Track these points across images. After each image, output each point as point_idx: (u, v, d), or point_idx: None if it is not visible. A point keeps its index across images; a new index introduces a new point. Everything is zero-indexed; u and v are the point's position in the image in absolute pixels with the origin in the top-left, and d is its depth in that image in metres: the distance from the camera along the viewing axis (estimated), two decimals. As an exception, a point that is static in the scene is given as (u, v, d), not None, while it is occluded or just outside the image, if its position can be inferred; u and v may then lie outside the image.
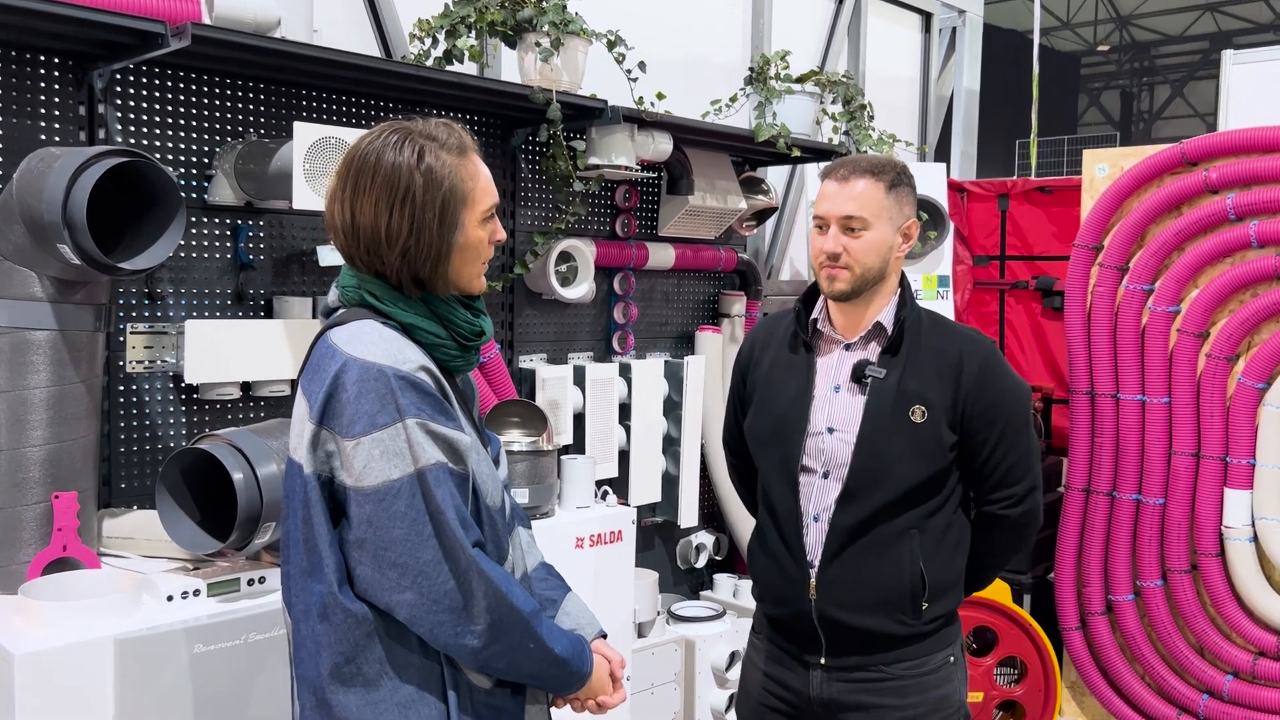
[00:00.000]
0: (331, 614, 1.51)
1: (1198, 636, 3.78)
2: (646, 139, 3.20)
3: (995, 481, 2.12)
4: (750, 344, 2.32)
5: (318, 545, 1.52)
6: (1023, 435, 2.11)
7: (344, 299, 1.63)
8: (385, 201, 1.55)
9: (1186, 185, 3.78)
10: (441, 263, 1.59)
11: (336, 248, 1.64)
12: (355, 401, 1.49)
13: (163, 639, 2.00)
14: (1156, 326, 3.84)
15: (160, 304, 2.61)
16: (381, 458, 1.49)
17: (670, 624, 3.41)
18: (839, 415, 2.10)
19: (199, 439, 2.17)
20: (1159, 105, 22.76)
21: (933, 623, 2.11)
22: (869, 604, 2.07)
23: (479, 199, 1.62)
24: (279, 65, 2.58)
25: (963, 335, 2.13)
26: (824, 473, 2.10)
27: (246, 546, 2.13)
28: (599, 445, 3.43)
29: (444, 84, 2.79)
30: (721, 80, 4.06)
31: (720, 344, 3.90)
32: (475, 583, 1.51)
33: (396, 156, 1.56)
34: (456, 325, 1.63)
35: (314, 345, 1.61)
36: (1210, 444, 3.73)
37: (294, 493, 1.56)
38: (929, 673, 2.11)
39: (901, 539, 2.07)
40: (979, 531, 2.18)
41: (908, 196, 2.13)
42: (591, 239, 3.46)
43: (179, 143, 2.62)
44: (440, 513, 1.50)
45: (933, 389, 2.06)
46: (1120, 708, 3.97)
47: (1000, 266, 4.95)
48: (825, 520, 2.09)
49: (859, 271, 2.07)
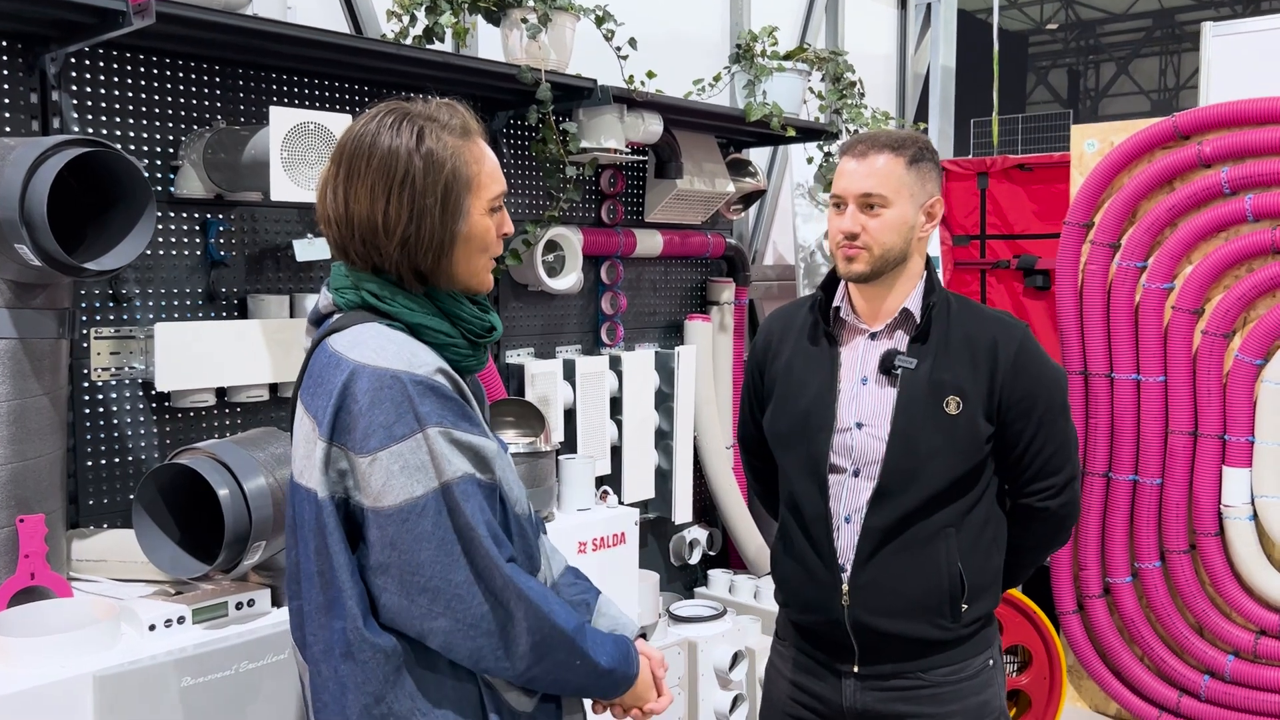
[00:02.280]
0: (357, 652, 1.37)
1: (1197, 617, 3.74)
2: (636, 120, 3.05)
3: (1034, 472, 2.00)
4: (766, 335, 2.18)
5: (336, 578, 1.37)
6: (1061, 422, 2.01)
7: (339, 302, 1.48)
8: (382, 187, 1.41)
9: (1179, 160, 3.72)
10: (445, 254, 1.46)
11: (329, 241, 1.49)
12: (368, 413, 1.35)
13: (147, 673, 1.83)
14: (1150, 304, 3.77)
15: (126, 306, 2.42)
16: (402, 473, 1.35)
17: (671, 625, 3.29)
18: (868, 409, 1.98)
19: (178, 453, 2.00)
20: (1105, 83, 23.00)
21: (971, 625, 2.00)
22: (905, 608, 1.96)
23: (485, 185, 1.48)
24: (251, 46, 2.39)
25: (995, 320, 2.02)
26: (854, 471, 1.98)
27: (234, 568, 1.97)
28: (591, 442, 3.29)
29: (425, 64, 2.62)
30: (701, 59, 3.92)
31: (710, 333, 3.78)
32: (514, 604, 1.39)
33: (394, 139, 1.43)
34: (465, 321, 1.50)
35: (310, 356, 1.47)
36: (1208, 422, 3.68)
37: (304, 521, 1.41)
38: (968, 678, 2.00)
39: (938, 538, 1.95)
40: (1016, 526, 2.07)
41: (931, 173, 2.01)
42: (578, 226, 3.31)
43: (141, 131, 2.43)
44: (471, 529, 1.37)
45: (967, 378, 1.95)
46: (1120, 691, 3.93)
47: (981, 246, 4.87)
48: (857, 521, 1.97)
49: (878, 252, 1.95)
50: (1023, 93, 21.22)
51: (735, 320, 3.92)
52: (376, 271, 1.46)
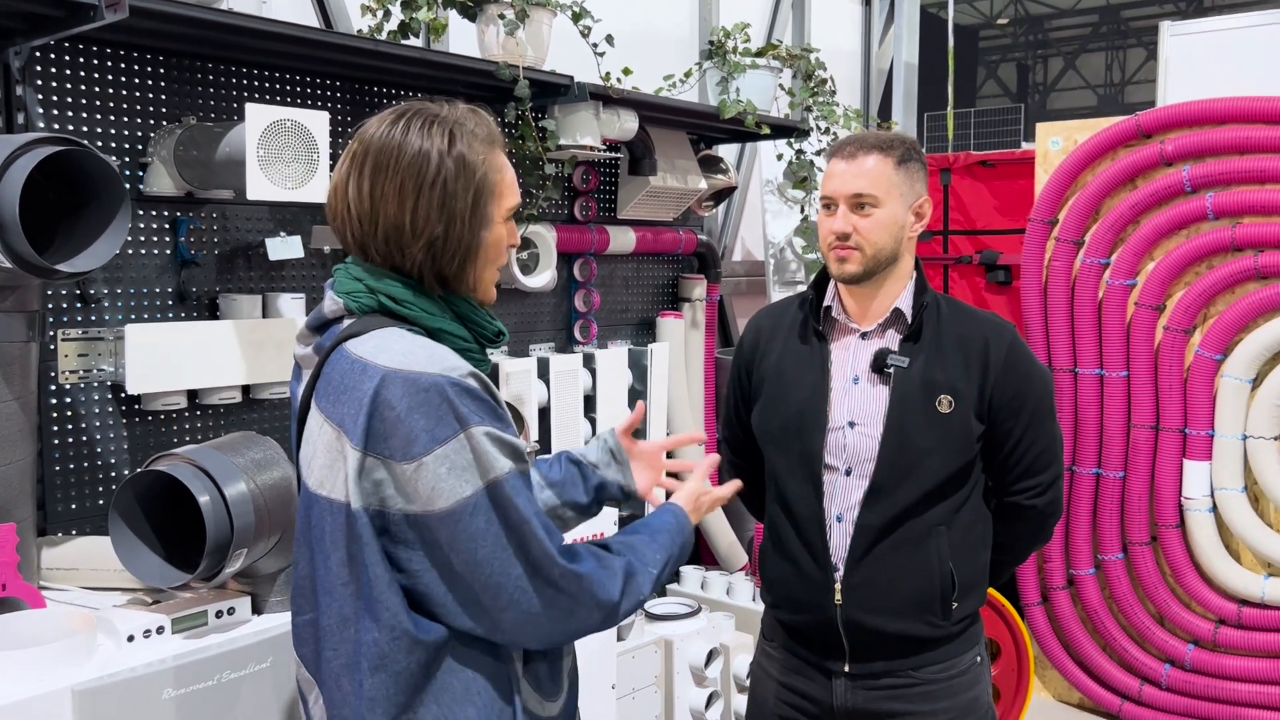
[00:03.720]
0: (390, 662, 1.35)
1: (1159, 607, 3.81)
2: (612, 117, 3.03)
3: (1021, 471, 2.02)
4: (754, 334, 2.18)
5: (372, 588, 1.34)
6: (1048, 422, 2.04)
7: (351, 306, 1.44)
8: (412, 187, 1.39)
9: (1142, 158, 3.77)
10: (469, 260, 1.44)
11: (344, 239, 1.46)
12: (408, 418, 1.32)
13: (127, 686, 1.78)
14: (1113, 300, 3.83)
15: (94, 307, 2.35)
16: (450, 475, 1.33)
17: (647, 624, 3.28)
18: (860, 408, 1.99)
19: (156, 459, 1.94)
20: (1053, 77, 23.31)
21: (961, 622, 2.02)
22: (898, 607, 1.96)
23: (505, 194, 1.47)
24: (223, 41, 2.34)
25: (985, 320, 2.04)
26: (846, 470, 1.99)
27: (215, 576, 1.92)
28: (565, 440, 3.27)
29: (402, 60, 2.57)
30: (670, 55, 3.91)
31: (682, 330, 3.77)
32: (575, 591, 1.39)
33: (425, 141, 1.40)
34: (479, 326, 1.48)
35: (324, 363, 1.42)
36: (1169, 416, 3.75)
37: (324, 534, 1.38)
38: (958, 675, 2.02)
39: (930, 536, 1.97)
40: (1001, 523, 2.09)
41: (918, 173, 2.03)
42: (551, 223, 3.28)
43: (109, 128, 2.37)
44: (525, 523, 1.36)
45: (959, 377, 1.96)
46: (1083, 680, 3.99)
47: (943, 241, 4.91)
48: (850, 520, 1.98)
49: (870, 252, 1.96)
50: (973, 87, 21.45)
51: (707, 317, 3.91)
52: (396, 270, 1.44)
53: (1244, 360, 3.59)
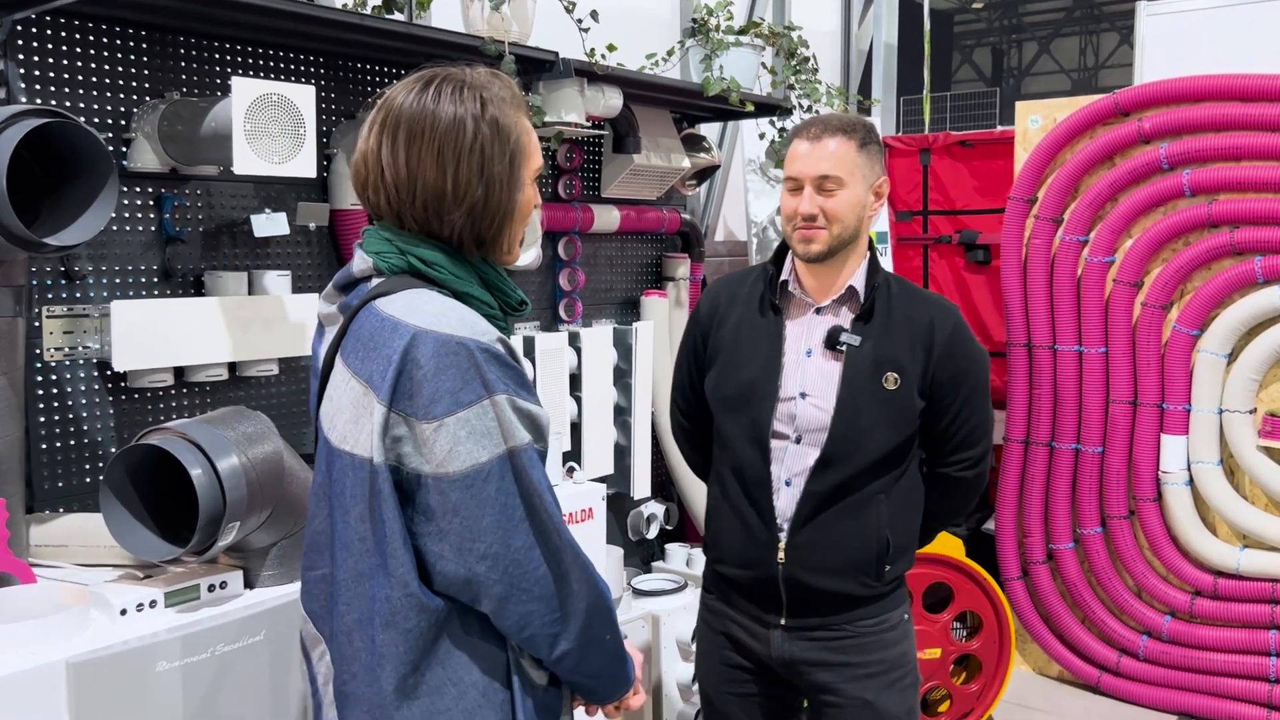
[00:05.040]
0: (401, 618, 1.36)
1: (1136, 579, 3.87)
2: (596, 94, 3.03)
3: (955, 445, 2.15)
4: (712, 302, 2.25)
5: (388, 544, 1.36)
6: (983, 400, 2.17)
7: (381, 266, 1.44)
8: (451, 152, 1.40)
9: (1119, 136, 3.81)
10: (507, 221, 1.46)
11: (376, 208, 1.46)
12: (434, 379, 1.34)
13: (120, 659, 1.79)
14: (1092, 277, 3.87)
15: (79, 284, 2.33)
16: (469, 439, 1.34)
17: (634, 600, 3.30)
18: (812, 380, 2.09)
19: (147, 432, 1.94)
20: (1027, 61, 23.40)
21: (891, 583, 2.14)
22: (837, 567, 2.08)
23: (533, 156, 1.49)
24: (206, 14, 2.32)
25: (932, 302, 2.16)
26: (796, 438, 2.09)
27: (208, 550, 1.92)
28: (551, 419, 3.27)
29: (388, 34, 2.56)
30: (651, 33, 3.91)
31: (666, 308, 3.78)
32: (571, 565, 1.41)
33: (458, 106, 1.41)
34: (506, 294, 1.50)
35: (352, 319, 1.43)
36: (1147, 391, 3.80)
37: (345, 489, 1.39)
38: (888, 629, 2.14)
39: (871, 503, 2.08)
40: (934, 492, 2.22)
41: (877, 154, 2.12)
42: (535, 202, 3.28)
43: (92, 103, 2.34)
44: (536, 494, 1.38)
45: (905, 356, 2.07)
46: (1062, 653, 4.05)
47: (923, 221, 4.93)
48: (799, 485, 2.08)
49: (837, 231, 2.06)
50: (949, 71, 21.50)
51: (690, 296, 3.92)
52: (430, 236, 1.44)
53: (1220, 335, 3.64)
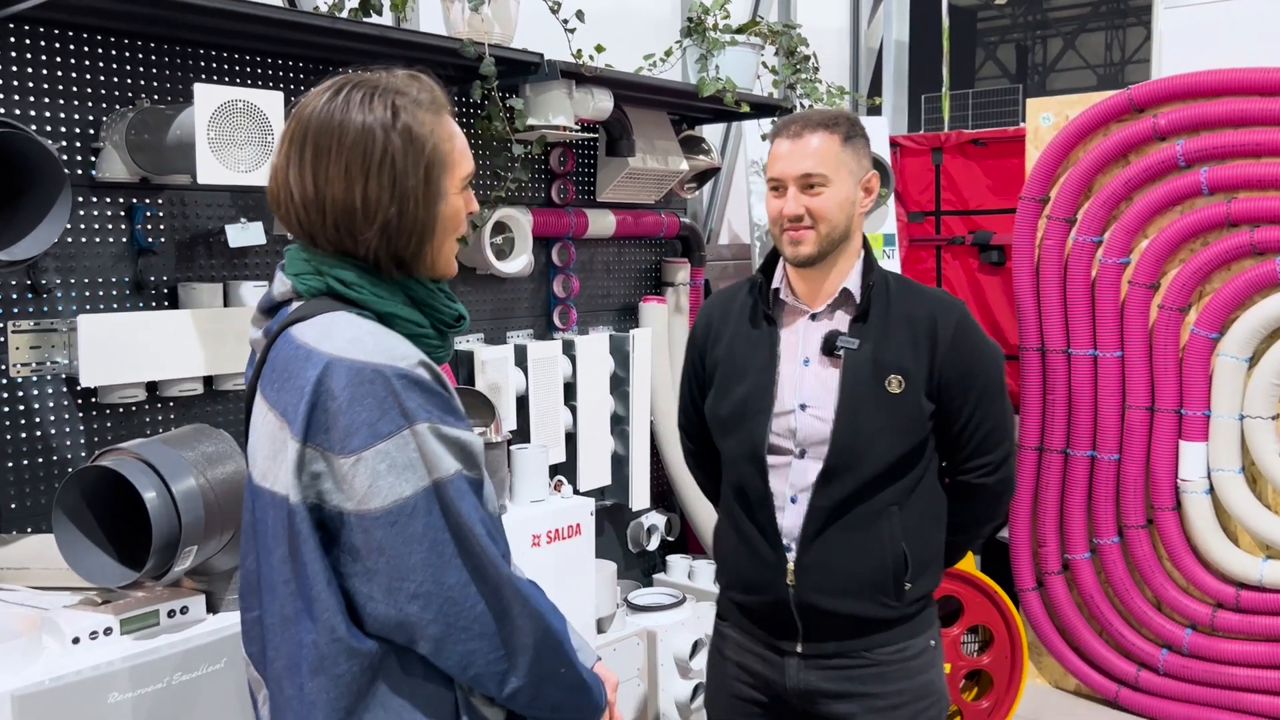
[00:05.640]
0: (329, 666, 1.27)
1: (1155, 591, 3.74)
2: (585, 96, 2.94)
3: (971, 449, 2.01)
4: (707, 319, 2.15)
5: (311, 587, 1.26)
6: (998, 400, 2.02)
7: (300, 289, 1.36)
8: (359, 168, 1.30)
9: (1134, 132, 3.69)
10: (427, 238, 1.35)
11: (289, 226, 1.37)
12: (349, 410, 1.24)
13: (70, 690, 1.72)
14: (1107, 279, 3.75)
15: (46, 297, 2.28)
16: (389, 472, 1.25)
17: (630, 615, 3.21)
18: (810, 390, 1.97)
19: (101, 454, 1.87)
20: (1052, 58, 23.14)
21: (915, 604, 2.00)
22: (850, 587, 1.95)
23: (458, 162, 1.39)
24: (175, 20, 2.25)
25: (933, 298, 2.02)
26: (800, 452, 1.97)
27: (164, 575, 1.85)
28: (544, 429, 3.20)
29: (363, 38, 2.49)
30: (650, 34, 3.82)
31: (665, 315, 3.69)
32: (512, 602, 1.31)
33: (366, 115, 1.31)
34: (437, 311, 1.40)
35: (270, 348, 1.34)
36: (1164, 397, 3.68)
37: (267, 528, 1.31)
38: (911, 658, 2.00)
39: (883, 516, 1.95)
40: (955, 503, 2.08)
41: (864, 149, 2.01)
42: (527, 207, 3.20)
43: (58, 112, 2.28)
44: (466, 528, 1.28)
45: (908, 357, 1.94)
46: (1079, 666, 3.93)
47: (935, 222, 4.83)
48: (804, 502, 1.96)
49: (825, 231, 1.94)
50: (972, 68, 21.29)
51: (691, 301, 3.83)
52: (347, 255, 1.35)
53: (1240, 338, 3.51)
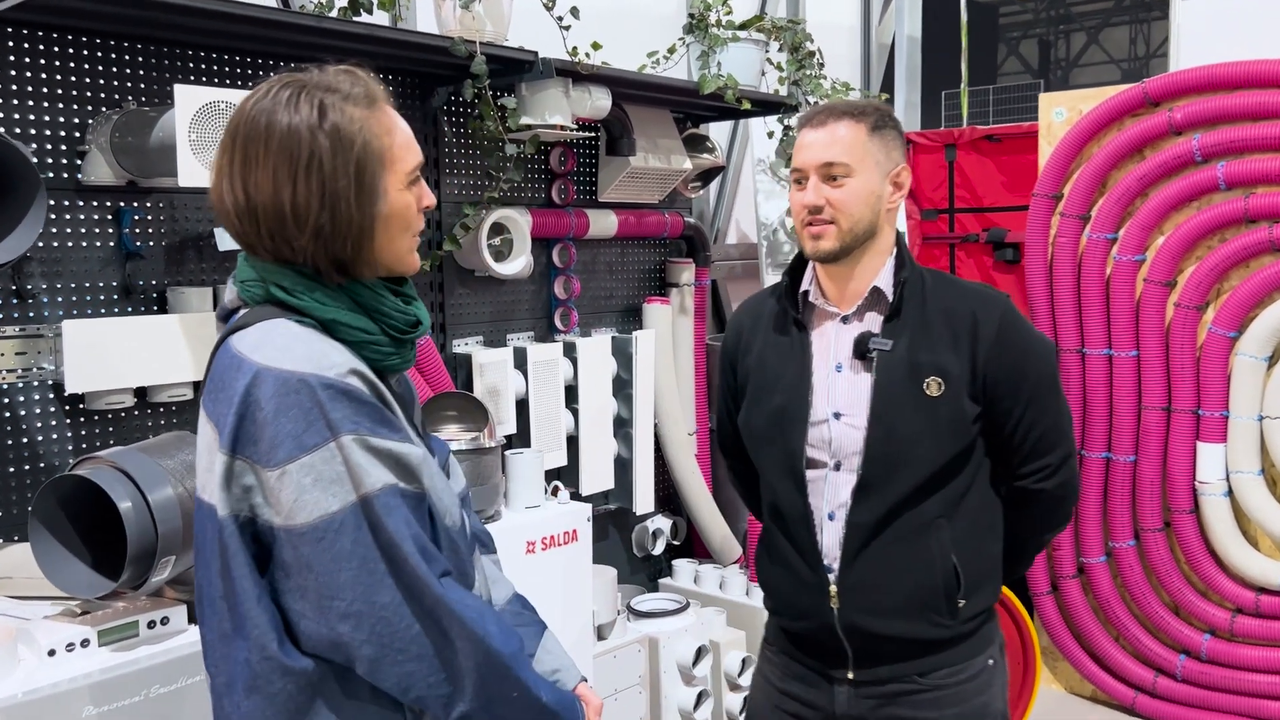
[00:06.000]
0: (263, 684, 1.23)
1: (1173, 596, 3.66)
2: (582, 95, 2.90)
3: (1026, 453, 1.86)
4: (736, 329, 2.03)
5: (241, 603, 1.23)
6: (1052, 398, 1.86)
7: (245, 297, 1.33)
8: (286, 172, 1.26)
9: (1149, 127, 3.60)
10: (365, 240, 1.31)
11: (231, 234, 1.34)
12: (274, 421, 1.21)
13: (44, 704, 1.68)
14: (1122, 277, 3.67)
15: (31, 303, 2.25)
16: (314, 486, 1.21)
17: (631, 621, 3.16)
18: (844, 398, 1.84)
19: (78, 462, 1.84)
20: (1076, 52, 22.89)
21: (971, 621, 1.86)
22: (899, 607, 1.82)
23: (399, 157, 1.33)
24: (162, 21, 2.22)
25: (973, 292, 1.87)
26: (835, 464, 1.84)
27: (142, 586, 1.82)
28: (545, 432, 3.15)
29: (351, 37, 2.45)
30: (655, 32, 3.76)
31: (670, 316, 3.64)
32: (448, 623, 1.25)
33: (293, 116, 1.27)
34: (387, 316, 1.35)
35: (214, 356, 1.31)
36: (1181, 397, 3.59)
37: (206, 541, 1.27)
38: (968, 680, 1.86)
39: (929, 530, 1.81)
40: (1013, 511, 1.92)
41: (895, 141, 1.87)
42: (526, 208, 3.16)
43: (43, 115, 2.26)
44: (395, 545, 1.23)
45: (947, 356, 1.80)
46: (1095, 672, 3.85)
47: (949, 220, 4.76)
48: (842, 518, 1.83)
49: (846, 225, 1.81)
50: (994, 64, 21.09)
51: (696, 302, 3.78)
52: (286, 262, 1.31)
53: (1260, 337, 3.43)
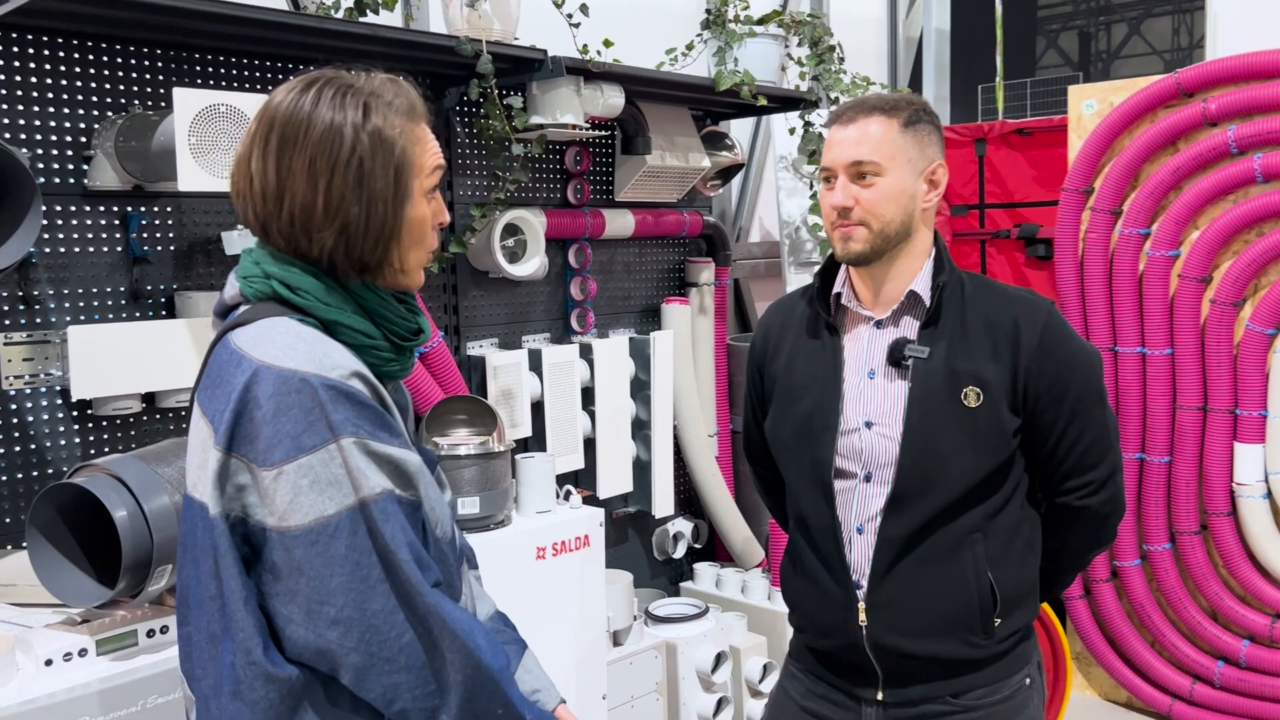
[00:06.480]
0: (247, 689, 1.20)
1: (1210, 601, 3.56)
2: (594, 93, 2.85)
3: (1070, 468, 1.77)
4: (764, 332, 1.96)
5: (228, 605, 1.20)
6: (1097, 409, 1.77)
7: (247, 292, 1.30)
8: (324, 162, 1.25)
9: (1183, 118, 3.50)
10: (392, 243, 1.29)
11: (246, 219, 1.31)
12: (273, 420, 1.19)
13: (40, 715, 1.67)
14: (1155, 273, 3.57)
15: (39, 309, 2.25)
16: (312, 488, 1.19)
17: (649, 626, 3.12)
18: (877, 406, 1.76)
19: (75, 470, 1.83)
20: (1116, 44, 22.52)
21: (1007, 640, 1.77)
22: (931, 626, 1.74)
23: (426, 168, 1.33)
24: (162, 24, 2.21)
25: (1015, 298, 1.78)
26: (865, 476, 1.76)
27: (139, 595, 1.80)
28: (561, 435, 3.11)
29: (356, 38, 2.43)
30: (676, 28, 3.72)
31: (689, 316, 3.58)
32: (438, 632, 1.23)
33: (337, 113, 1.26)
34: (390, 322, 1.32)
35: (211, 351, 1.29)
36: (1218, 396, 3.49)
37: (194, 539, 1.24)
38: (1003, 700, 1.78)
39: (964, 546, 1.73)
40: (1053, 527, 1.84)
41: (930, 136, 1.77)
42: (541, 208, 3.12)
43: (49, 120, 2.25)
44: (391, 552, 1.20)
45: (987, 366, 1.71)
46: (1130, 678, 3.75)
47: (980, 215, 4.67)
48: (871, 532, 1.75)
49: (877, 226, 1.72)
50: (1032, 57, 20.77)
51: (716, 302, 3.72)
52: (299, 257, 1.29)
53: (1299, 334, 3.32)
